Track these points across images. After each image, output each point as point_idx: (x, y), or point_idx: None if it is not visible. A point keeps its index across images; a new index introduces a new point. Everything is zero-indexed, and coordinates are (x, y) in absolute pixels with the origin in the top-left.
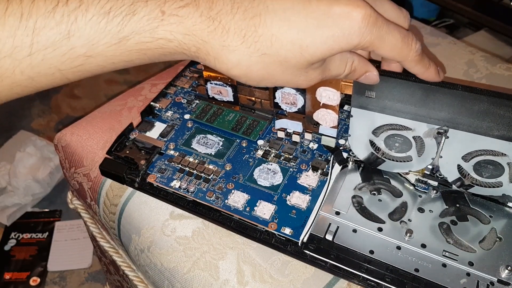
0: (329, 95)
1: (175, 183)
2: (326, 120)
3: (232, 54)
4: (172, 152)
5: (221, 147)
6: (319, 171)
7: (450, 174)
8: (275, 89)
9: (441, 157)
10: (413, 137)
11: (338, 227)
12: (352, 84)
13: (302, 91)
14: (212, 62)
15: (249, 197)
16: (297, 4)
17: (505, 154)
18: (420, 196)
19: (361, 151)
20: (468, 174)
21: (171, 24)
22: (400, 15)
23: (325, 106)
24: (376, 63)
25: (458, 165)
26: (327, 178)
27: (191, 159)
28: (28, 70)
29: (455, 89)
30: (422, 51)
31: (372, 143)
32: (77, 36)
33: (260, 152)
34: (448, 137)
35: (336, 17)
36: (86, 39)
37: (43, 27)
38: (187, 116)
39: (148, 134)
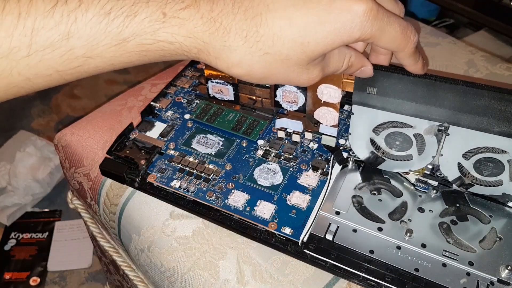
0: (330, 93)
1: (175, 183)
2: (327, 118)
3: (233, 54)
4: (172, 152)
5: (221, 147)
6: (319, 171)
7: (450, 172)
8: (276, 87)
9: (441, 155)
10: (414, 135)
11: (338, 227)
12: (353, 81)
13: (303, 89)
14: (213, 61)
15: (249, 197)
16: (298, 0)
17: (505, 151)
18: (420, 196)
19: (362, 150)
20: (469, 172)
21: (173, 26)
22: (396, 8)
23: (326, 104)
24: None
25: (459, 163)
26: (327, 178)
27: (191, 159)
28: (25, 71)
29: (456, 84)
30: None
31: (372, 142)
32: (76, 37)
33: (260, 152)
34: (448, 134)
35: (337, 12)
36: (85, 40)
37: (41, 27)
38: (187, 116)
39: (148, 134)
